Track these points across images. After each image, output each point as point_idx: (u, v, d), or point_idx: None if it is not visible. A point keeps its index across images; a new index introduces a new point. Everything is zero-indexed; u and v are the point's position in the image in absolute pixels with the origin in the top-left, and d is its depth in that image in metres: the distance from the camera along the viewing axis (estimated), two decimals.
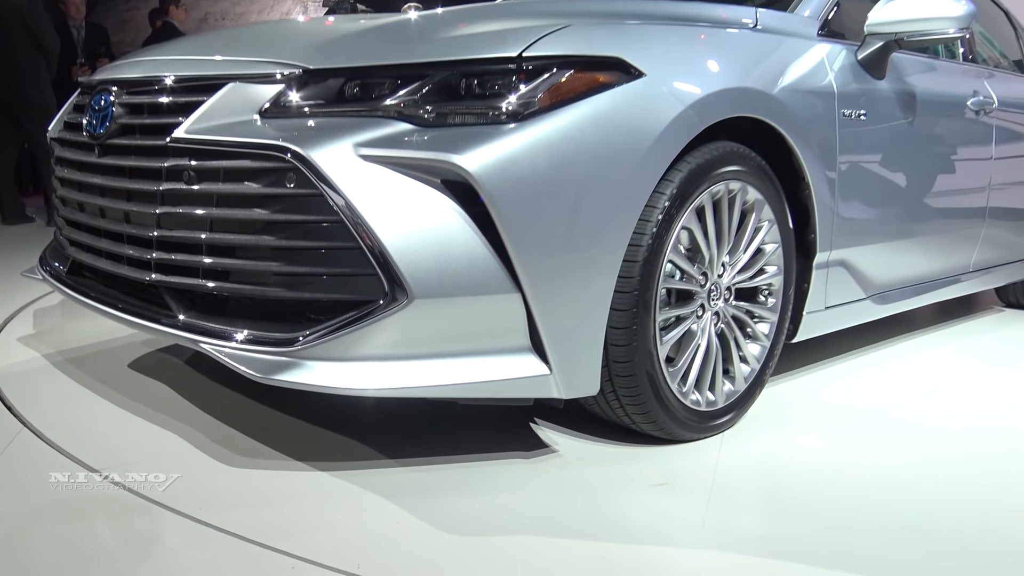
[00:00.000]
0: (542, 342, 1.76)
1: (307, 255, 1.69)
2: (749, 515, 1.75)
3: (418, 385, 1.71)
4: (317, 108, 1.77)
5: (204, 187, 1.79)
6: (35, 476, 1.81)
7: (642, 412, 1.99)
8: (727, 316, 2.20)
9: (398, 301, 1.65)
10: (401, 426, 2.19)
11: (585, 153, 1.76)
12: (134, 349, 2.76)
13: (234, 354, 1.73)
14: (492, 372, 1.75)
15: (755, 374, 2.29)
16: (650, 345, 1.94)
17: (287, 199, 1.69)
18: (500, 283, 1.70)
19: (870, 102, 2.59)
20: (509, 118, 1.71)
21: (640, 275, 1.88)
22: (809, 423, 2.32)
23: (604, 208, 1.80)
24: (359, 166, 1.66)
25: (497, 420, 2.25)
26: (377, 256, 1.64)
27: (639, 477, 1.90)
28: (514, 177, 1.67)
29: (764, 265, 2.27)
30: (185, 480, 1.78)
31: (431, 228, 1.66)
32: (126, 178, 1.96)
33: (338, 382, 1.68)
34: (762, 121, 2.17)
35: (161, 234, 1.87)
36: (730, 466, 1.98)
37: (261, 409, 2.22)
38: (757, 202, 2.19)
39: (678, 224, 1.96)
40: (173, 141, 1.82)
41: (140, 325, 1.94)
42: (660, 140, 1.86)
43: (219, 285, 1.79)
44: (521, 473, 1.89)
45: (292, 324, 1.75)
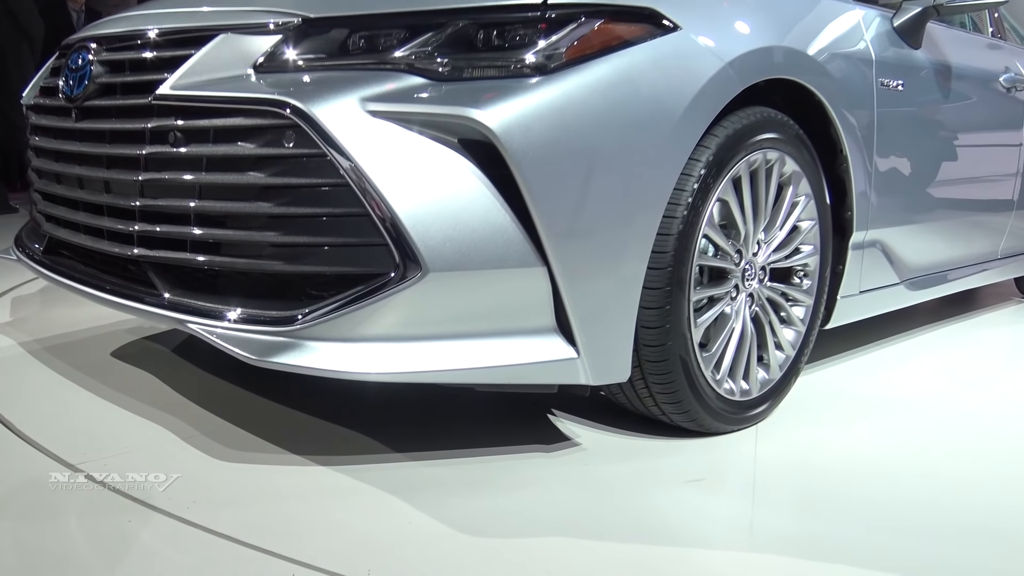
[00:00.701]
0: (569, 322, 1.58)
1: (308, 224, 1.51)
2: (798, 515, 1.57)
3: (432, 369, 1.53)
4: (318, 62, 1.59)
5: (192, 150, 1.60)
6: (4, 471, 1.63)
7: (674, 401, 1.81)
8: (762, 298, 2.03)
9: (411, 275, 1.47)
10: (408, 418, 2.01)
11: (617, 111, 1.59)
12: (118, 337, 2.57)
13: (226, 335, 1.54)
14: (513, 355, 1.57)
15: (790, 361, 2.12)
16: (684, 327, 1.77)
17: (286, 161, 1.51)
18: (524, 255, 1.52)
19: (907, 72, 2.43)
20: (533, 71, 1.53)
21: (674, 249, 1.71)
22: (845, 415, 2.15)
23: (638, 174, 1.62)
24: (367, 123, 1.48)
25: (512, 411, 2.08)
26: (387, 224, 1.46)
27: (672, 473, 1.72)
28: (540, 136, 1.49)
29: (800, 244, 2.10)
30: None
31: (447, 193, 1.48)
32: (105, 143, 1.77)
33: (342, 365, 1.50)
34: (796, 88, 2.00)
35: (144, 204, 1.68)
36: (770, 461, 1.81)
37: (255, 399, 2.04)
38: (794, 174, 2.02)
39: (714, 194, 1.78)
40: (157, 99, 1.64)
41: (122, 305, 1.75)
42: (697, 100, 1.69)
43: (209, 259, 1.61)
44: (543, 468, 1.72)
45: (290, 302, 1.56)
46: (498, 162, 1.49)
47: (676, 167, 1.69)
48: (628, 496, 1.61)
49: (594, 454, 1.80)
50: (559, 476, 1.68)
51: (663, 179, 1.67)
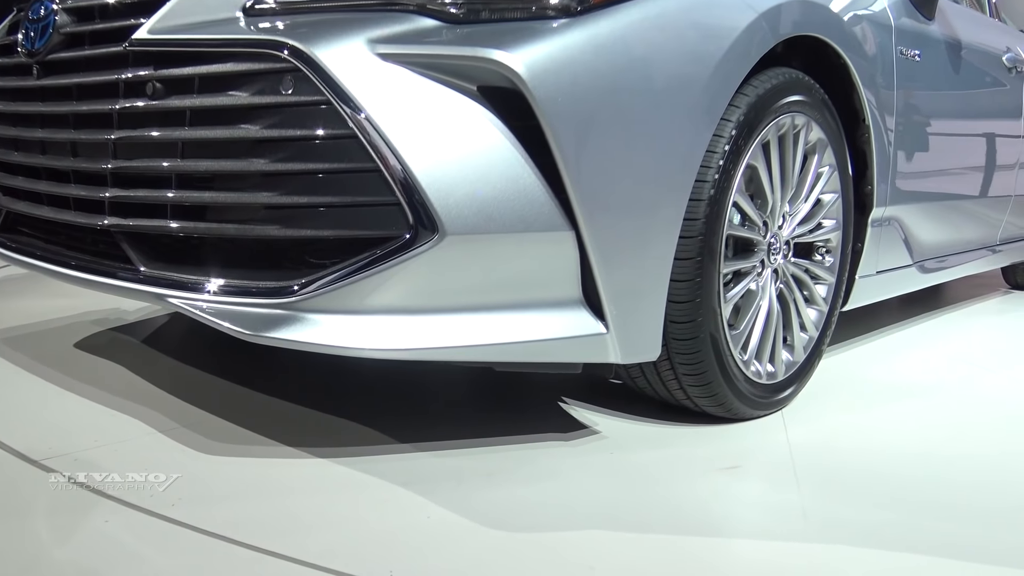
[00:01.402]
0: (598, 294, 1.43)
1: (308, 182, 1.34)
2: (848, 500, 1.44)
3: (447, 345, 1.37)
4: (316, 3, 1.42)
5: (174, 102, 1.42)
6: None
7: (702, 384, 1.67)
8: (787, 275, 1.89)
9: (426, 238, 1.31)
10: (407, 406, 1.84)
11: (648, 61, 1.44)
12: (80, 328, 2.36)
13: (216, 309, 1.36)
14: (537, 330, 1.41)
15: (813, 343, 1.99)
16: (715, 302, 1.62)
17: (283, 110, 1.34)
18: (550, 218, 1.37)
19: (923, 43, 2.32)
20: (558, 13, 1.38)
21: (705, 216, 1.56)
22: (868, 400, 2.04)
23: (670, 130, 1.48)
24: (376, 67, 1.31)
25: (520, 399, 1.92)
26: (401, 181, 1.29)
27: (704, 460, 1.58)
28: (569, 84, 1.34)
29: (822, 218, 1.97)
30: (150, 471, 1.41)
31: (466, 147, 1.32)
32: (72, 100, 1.58)
33: (348, 340, 1.33)
34: (817, 51, 1.87)
35: (118, 166, 1.50)
36: (804, 446, 1.67)
37: (237, 390, 1.86)
38: (819, 143, 1.89)
39: (745, 158, 1.65)
40: (133, 45, 1.45)
41: (92, 283, 1.55)
42: (731, 53, 1.55)
43: (193, 225, 1.43)
44: (564, 458, 1.56)
45: (288, 271, 1.39)
46: (521, 113, 1.34)
47: (709, 126, 1.55)
48: (663, 485, 1.45)
49: (616, 442, 1.65)
50: (583, 466, 1.52)
51: (696, 137, 1.52)
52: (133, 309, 2.61)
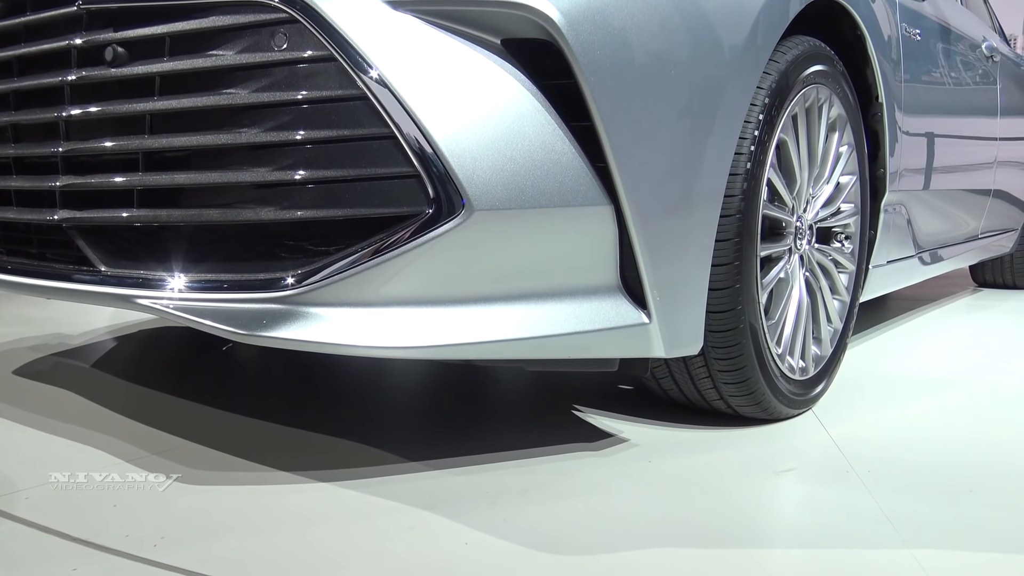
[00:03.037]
0: (640, 278, 1.26)
1: (309, 154, 1.14)
2: (925, 499, 1.28)
3: (475, 341, 1.17)
4: None
5: (139, 68, 1.21)
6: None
7: (740, 380, 1.50)
8: (812, 262, 1.75)
9: (451, 214, 1.12)
10: (408, 420, 1.64)
11: (687, 13, 1.29)
12: (17, 355, 2.09)
13: (197, 307, 1.15)
14: (572, 321, 1.23)
15: (838, 335, 1.85)
16: (754, 288, 1.47)
17: (276, 70, 1.13)
18: (588, 190, 1.19)
19: (920, 22, 2.24)
20: None
21: (743, 192, 1.41)
22: (895, 395, 1.91)
23: (710, 92, 1.33)
24: (387, 18, 1.12)
25: (532, 408, 1.74)
26: (419, 149, 1.10)
27: (754, 464, 1.41)
28: (609, 35, 1.17)
29: (842, 202, 1.84)
30: (120, 506, 1.18)
31: (492, 110, 1.14)
32: (13, 76, 1.35)
33: (358, 337, 1.13)
34: (829, 21, 1.75)
35: (70, 149, 1.27)
36: (852, 444, 1.52)
37: (211, 412, 1.63)
38: (840, 119, 1.77)
39: (778, 129, 1.50)
40: (88, 2, 1.24)
41: (44, 289, 1.32)
42: (766, 10, 1.41)
43: (165, 213, 1.21)
44: (600, 468, 1.37)
45: (282, 261, 1.18)
46: (553, 70, 1.16)
47: (746, 90, 1.40)
48: (721, 493, 1.28)
49: (651, 450, 1.47)
50: (624, 476, 1.34)
51: (735, 101, 1.37)
52: (77, 332, 2.34)
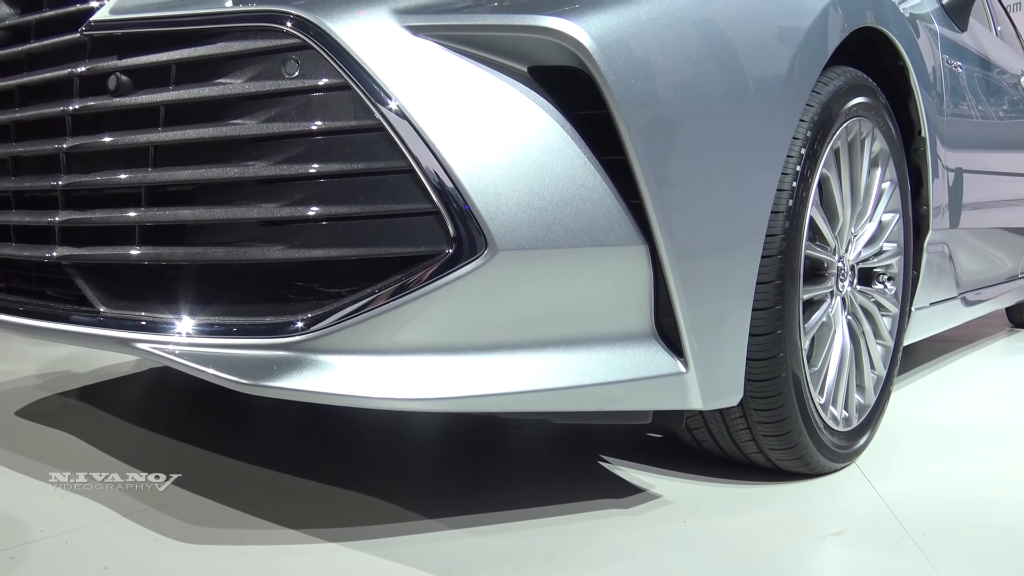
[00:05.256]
0: (676, 323, 1.16)
1: (320, 190, 1.06)
2: (991, 570, 1.16)
3: (497, 392, 1.08)
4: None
5: (143, 98, 1.14)
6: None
7: (781, 433, 1.40)
8: (855, 305, 1.65)
9: (473, 255, 1.03)
10: (421, 473, 1.54)
11: (725, 41, 1.21)
12: (22, 394, 2.02)
13: (199, 353, 1.06)
14: (605, 371, 1.14)
15: (882, 382, 1.74)
16: (796, 334, 1.37)
17: (287, 99, 1.06)
18: (620, 229, 1.10)
19: (961, 55, 2.15)
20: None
21: (784, 231, 1.32)
22: (943, 447, 1.79)
23: (750, 125, 1.24)
24: (405, 42, 1.05)
25: (556, 459, 1.64)
26: (439, 184, 1.02)
27: (800, 525, 1.30)
28: (644, 63, 1.09)
29: (884, 242, 1.74)
30: (113, 570, 1.08)
31: (518, 142, 1.06)
32: (14, 106, 1.29)
33: (373, 388, 1.04)
34: (870, 52, 1.67)
35: (70, 183, 1.20)
36: (902, 503, 1.41)
37: (214, 460, 1.54)
38: (882, 154, 1.67)
39: (820, 164, 1.41)
40: (91, 28, 1.17)
41: (40, 330, 1.25)
42: (808, 39, 1.33)
43: (167, 251, 1.13)
44: (630, 530, 1.27)
45: (290, 304, 1.10)
46: (583, 100, 1.08)
47: (789, 122, 1.31)
48: (767, 560, 1.17)
49: (684, 508, 1.36)
50: (658, 539, 1.23)
51: (777, 134, 1.29)
52: (84, 371, 2.27)
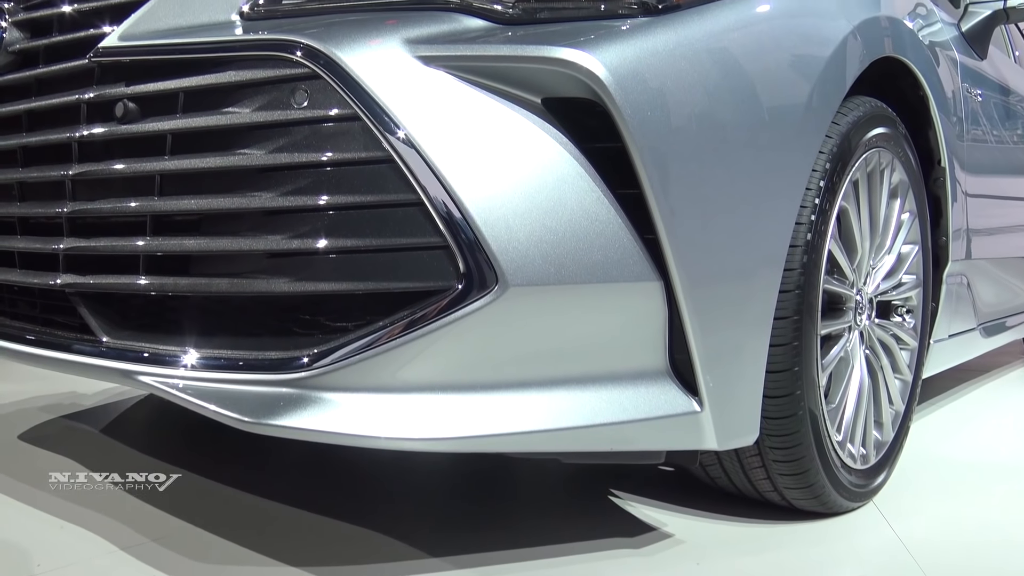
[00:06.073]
0: (691, 360, 1.13)
1: (327, 222, 1.03)
2: None
3: (506, 432, 1.05)
4: (333, 3, 1.14)
5: (150, 125, 1.12)
6: None
7: (797, 472, 1.36)
8: (873, 339, 1.61)
9: (482, 290, 1.00)
10: (425, 507, 1.51)
11: (743, 73, 1.18)
12: (27, 416, 2.00)
13: (201, 388, 1.04)
14: (617, 410, 1.10)
15: (900, 418, 1.70)
16: (814, 370, 1.33)
17: (294, 129, 1.04)
18: (635, 264, 1.07)
19: (981, 83, 2.12)
20: (638, 11, 1.11)
21: (802, 265, 1.28)
22: (963, 484, 1.74)
23: (768, 158, 1.21)
24: (416, 73, 1.03)
25: (565, 494, 1.60)
26: (449, 217, 0.99)
27: (815, 569, 1.26)
28: (659, 96, 1.07)
29: (904, 274, 1.71)
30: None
31: (530, 175, 1.03)
32: (21, 131, 1.28)
33: (376, 427, 1.01)
34: (889, 80, 1.64)
35: (76, 210, 1.18)
36: (923, 545, 1.37)
37: (216, 489, 1.51)
38: (901, 184, 1.64)
39: (839, 196, 1.38)
40: (100, 55, 1.16)
41: (41, 358, 1.23)
42: (829, 70, 1.30)
43: (172, 282, 1.11)
44: (643, 570, 1.23)
45: (295, 338, 1.07)
46: (597, 132, 1.06)
47: (807, 154, 1.28)
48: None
49: (697, 548, 1.32)
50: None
51: (796, 167, 1.26)
52: (91, 392, 2.25)
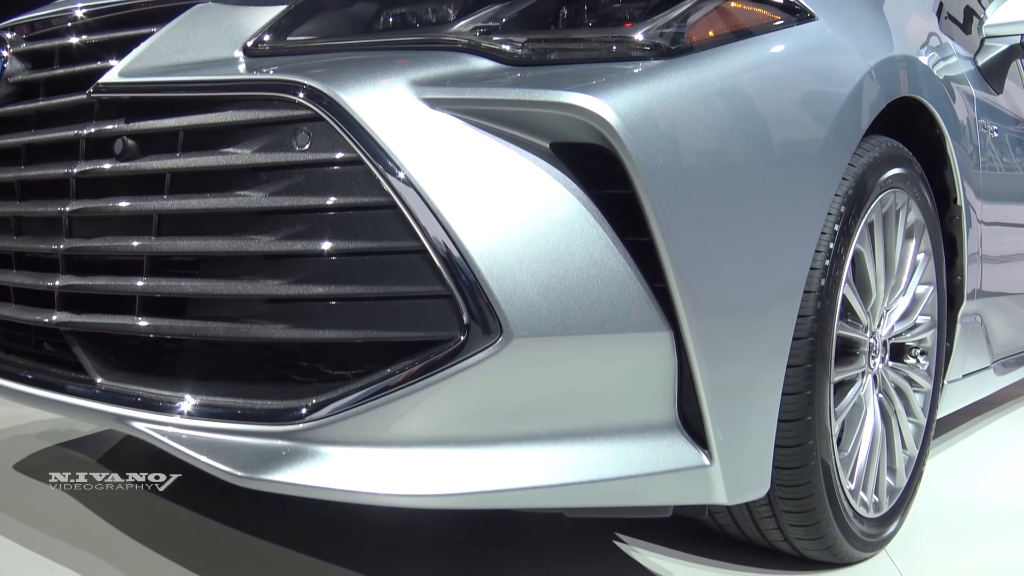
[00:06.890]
0: (701, 413, 1.09)
1: (327, 267, 1.00)
2: None
3: (508, 488, 1.01)
4: (338, 41, 1.12)
5: (149, 163, 1.09)
6: None
7: (809, 523, 1.32)
8: (887, 382, 1.58)
9: (485, 342, 0.97)
10: (430, 550, 1.47)
11: (757, 117, 1.15)
12: (23, 444, 1.97)
13: (194, 439, 1.00)
14: (623, 464, 1.07)
15: (914, 462, 1.66)
16: (827, 419, 1.30)
17: (295, 172, 1.01)
18: (644, 314, 1.04)
19: (998, 118, 2.09)
20: (648, 53, 1.08)
21: (816, 312, 1.25)
22: (977, 532, 1.69)
23: (783, 203, 1.18)
24: (421, 115, 1.00)
25: (570, 540, 1.56)
26: (451, 264, 0.96)
27: None
28: (670, 141, 1.04)
29: (919, 315, 1.67)
30: None
31: (538, 222, 1.00)
32: (19, 164, 1.25)
33: (374, 484, 0.98)
34: (905, 119, 1.61)
35: (71, 247, 1.16)
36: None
37: (214, 528, 1.48)
38: (917, 224, 1.61)
39: (854, 239, 1.35)
40: (100, 90, 1.13)
41: (32, 398, 1.20)
42: (844, 111, 1.27)
43: (168, 324, 1.08)
44: None
45: (293, 387, 1.04)
46: (606, 178, 1.03)
47: (822, 198, 1.25)
48: None
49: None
50: None
51: (810, 213, 1.22)
52: None
